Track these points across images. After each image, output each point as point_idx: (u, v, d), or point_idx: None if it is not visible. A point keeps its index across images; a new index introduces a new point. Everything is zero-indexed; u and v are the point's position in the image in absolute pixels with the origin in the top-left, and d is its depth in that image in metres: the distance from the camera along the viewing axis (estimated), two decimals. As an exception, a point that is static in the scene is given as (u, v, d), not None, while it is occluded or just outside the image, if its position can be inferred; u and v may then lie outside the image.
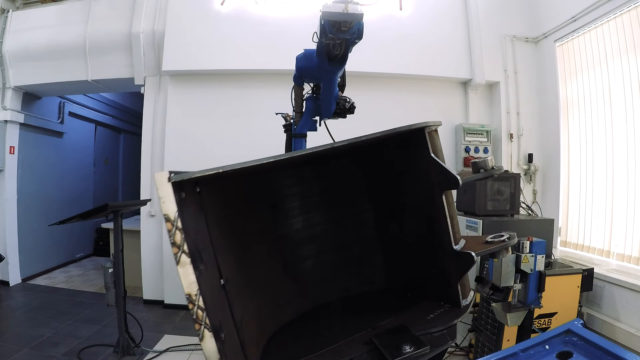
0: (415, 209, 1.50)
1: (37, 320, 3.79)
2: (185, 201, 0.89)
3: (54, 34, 4.67)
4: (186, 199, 0.91)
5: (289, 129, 2.60)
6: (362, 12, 1.54)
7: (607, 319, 3.01)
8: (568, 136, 3.91)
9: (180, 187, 0.87)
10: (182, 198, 0.87)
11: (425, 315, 1.30)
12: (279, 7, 4.23)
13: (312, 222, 1.64)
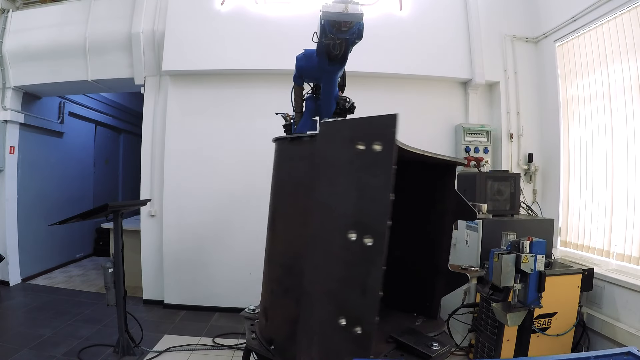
0: (421, 228, 1.52)
1: (37, 320, 3.79)
2: None
3: (54, 34, 4.67)
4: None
5: (289, 129, 2.59)
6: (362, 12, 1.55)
7: (607, 319, 3.01)
8: (568, 136, 3.91)
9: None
10: None
11: (411, 323, 1.36)
12: (279, 7, 4.22)
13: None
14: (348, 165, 0.86)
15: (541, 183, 4.30)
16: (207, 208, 4.32)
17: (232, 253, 4.28)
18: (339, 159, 0.87)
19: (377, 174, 0.82)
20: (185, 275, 4.34)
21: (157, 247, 4.41)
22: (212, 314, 4.17)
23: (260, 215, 4.12)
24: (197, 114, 4.37)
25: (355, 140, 0.84)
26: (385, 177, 0.81)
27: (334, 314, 0.81)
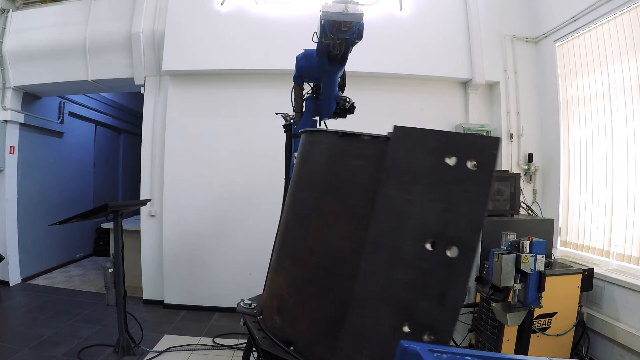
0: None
1: (37, 320, 3.79)
2: None
3: (54, 34, 4.67)
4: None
5: (289, 129, 2.60)
6: (362, 12, 1.55)
7: (607, 319, 3.01)
8: (568, 136, 3.91)
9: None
10: None
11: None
12: (279, 7, 4.22)
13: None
14: (431, 175, 0.87)
15: (541, 183, 4.30)
16: (207, 208, 4.32)
17: (232, 253, 4.28)
18: (419, 168, 0.87)
19: (471, 191, 0.84)
20: (185, 275, 4.34)
21: (157, 247, 4.41)
22: (212, 314, 4.17)
23: (260, 214, 4.15)
24: (197, 114, 4.37)
25: (443, 153, 0.85)
26: (481, 195, 0.84)
27: (395, 320, 0.82)
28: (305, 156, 1.25)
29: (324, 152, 1.14)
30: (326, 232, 1.07)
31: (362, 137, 1.02)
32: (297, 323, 1.10)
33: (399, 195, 0.88)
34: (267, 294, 1.34)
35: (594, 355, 3.10)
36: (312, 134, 1.23)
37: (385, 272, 0.89)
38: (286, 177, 2.61)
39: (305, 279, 1.11)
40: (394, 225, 0.88)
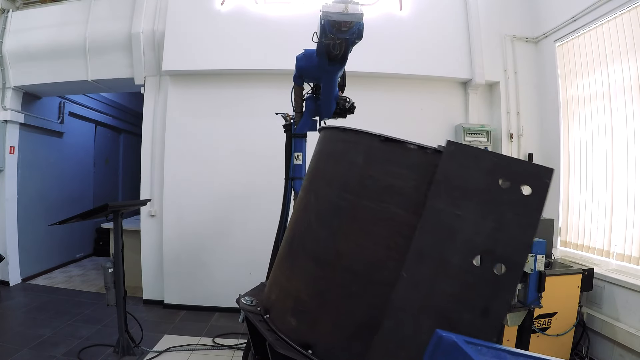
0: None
1: (37, 320, 3.79)
2: None
3: (54, 34, 4.67)
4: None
5: (289, 129, 2.60)
6: (362, 12, 1.55)
7: (607, 319, 3.01)
8: (568, 136, 3.91)
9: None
10: None
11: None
12: (279, 6, 4.22)
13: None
14: (483, 194, 0.89)
15: (541, 183, 4.29)
16: (207, 208, 4.32)
17: (232, 253, 4.28)
18: (472, 185, 0.90)
19: (523, 214, 0.87)
20: (185, 275, 4.34)
21: (157, 247, 4.41)
22: (212, 314, 4.17)
23: (260, 214, 4.15)
24: (197, 114, 4.37)
25: (497, 175, 0.88)
26: (533, 220, 0.88)
27: (435, 329, 0.84)
28: (334, 154, 1.20)
29: (361, 154, 1.10)
30: (359, 236, 1.04)
31: (407, 145, 1.01)
32: (317, 326, 1.07)
33: (449, 210, 0.90)
34: (277, 293, 1.26)
35: (594, 355, 3.10)
36: (346, 132, 1.16)
37: (429, 282, 0.90)
38: (286, 177, 2.61)
39: (331, 281, 1.07)
40: (442, 237, 0.90)
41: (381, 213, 1.01)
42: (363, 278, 1.02)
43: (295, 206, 1.43)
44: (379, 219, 1.01)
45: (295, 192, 2.53)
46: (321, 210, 1.17)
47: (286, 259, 1.28)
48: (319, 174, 1.26)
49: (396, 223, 0.98)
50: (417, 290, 0.90)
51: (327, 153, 1.24)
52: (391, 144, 1.03)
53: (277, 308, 1.22)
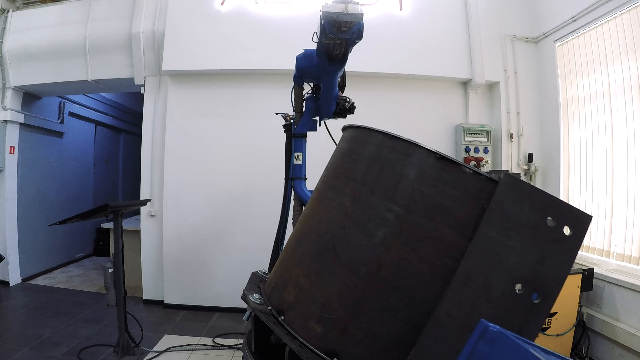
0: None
1: (37, 320, 3.79)
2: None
3: (54, 34, 4.67)
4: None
5: (289, 129, 2.60)
6: (362, 12, 1.54)
7: (607, 319, 3.01)
8: (568, 136, 3.91)
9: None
10: None
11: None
12: (279, 6, 4.22)
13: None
14: (531, 229, 0.96)
15: (541, 183, 4.30)
16: (207, 208, 4.32)
17: (233, 253, 4.28)
18: (523, 219, 0.96)
19: (563, 252, 0.96)
20: (185, 275, 4.34)
21: (157, 247, 4.41)
22: (212, 314, 4.17)
23: (260, 214, 4.15)
24: (197, 114, 4.37)
25: (546, 213, 0.95)
26: (570, 257, 0.97)
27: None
28: (379, 161, 1.15)
29: (414, 168, 1.08)
30: (404, 251, 1.03)
31: (463, 167, 1.02)
32: (347, 335, 1.05)
33: (499, 239, 0.95)
34: (296, 295, 1.19)
35: (594, 355, 3.11)
36: (396, 141, 1.12)
37: (471, 304, 0.94)
38: (286, 177, 2.61)
39: (367, 292, 1.05)
40: (489, 263, 0.94)
41: (430, 231, 1.02)
42: (403, 293, 1.02)
43: (316, 201, 1.33)
44: (426, 237, 1.02)
45: (295, 192, 2.52)
46: (361, 218, 1.13)
47: (311, 261, 1.20)
48: (355, 176, 1.20)
49: (444, 243, 1.00)
50: (458, 310, 0.94)
51: (369, 157, 1.19)
52: (446, 164, 1.04)
53: (295, 311, 1.17)
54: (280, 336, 1.11)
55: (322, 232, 1.22)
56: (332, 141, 2.57)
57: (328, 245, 1.17)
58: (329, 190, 1.29)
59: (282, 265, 1.36)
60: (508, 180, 0.97)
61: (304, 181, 2.55)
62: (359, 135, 1.27)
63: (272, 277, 1.39)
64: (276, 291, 1.29)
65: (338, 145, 1.44)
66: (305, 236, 1.30)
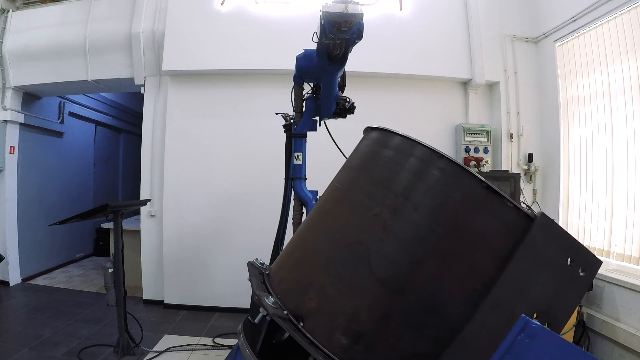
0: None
1: (37, 320, 3.79)
2: None
3: (54, 34, 4.67)
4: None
5: (289, 129, 2.60)
6: (362, 12, 1.54)
7: (607, 319, 3.01)
8: (568, 136, 3.91)
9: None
10: None
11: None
12: (279, 6, 4.23)
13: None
14: (555, 266, 1.07)
15: (541, 183, 4.30)
16: (207, 208, 4.32)
17: (232, 253, 4.28)
18: (550, 257, 1.07)
19: (575, 289, 1.09)
20: (185, 275, 4.34)
21: (157, 247, 4.41)
22: (212, 314, 4.17)
23: (260, 215, 4.15)
24: (197, 114, 4.37)
25: (569, 254, 1.06)
26: (580, 294, 1.11)
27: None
28: (423, 177, 1.15)
29: (461, 192, 1.11)
30: (440, 272, 1.07)
31: (506, 200, 1.07)
32: (374, 349, 1.07)
33: (528, 271, 1.03)
34: (318, 303, 1.15)
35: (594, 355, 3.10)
36: (446, 162, 1.12)
37: (496, 329, 1.00)
38: (286, 177, 2.61)
39: (399, 309, 1.07)
40: (516, 293, 1.04)
41: (467, 256, 1.06)
42: (434, 312, 1.06)
43: (340, 203, 1.28)
44: (463, 261, 1.06)
45: (295, 192, 2.52)
46: (401, 234, 1.13)
47: (340, 270, 1.16)
48: (395, 188, 1.17)
49: (478, 270, 1.05)
50: (484, 332, 1.02)
51: (414, 172, 1.17)
52: (491, 193, 1.08)
53: (318, 319, 1.13)
54: (302, 344, 1.07)
55: (354, 241, 1.18)
56: (332, 141, 2.57)
57: (362, 257, 1.14)
58: (361, 196, 1.24)
59: (298, 265, 1.28)
60: (543, 220, 1.05)
61: (304, 181, 2.55)
62: (402, 146, 1.23)
63: (286, 277, 1.29)
64: (292, 294, 1.22)
65: (366, 146, 1.36)
66: (329, 239, 1.25)
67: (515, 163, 4.32)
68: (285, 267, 1.33)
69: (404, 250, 1.10)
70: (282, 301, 1.19)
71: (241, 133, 4.33)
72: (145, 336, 3.34)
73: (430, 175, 1.15)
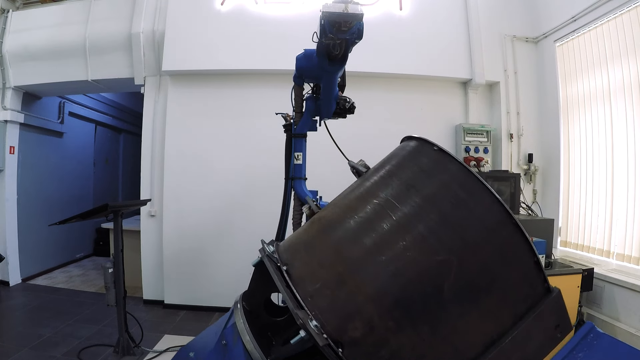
0: None
1: (37, 320, 3.79)
2: None
3: (54, 34, 4.67)
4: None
5: (289, 129, 2.60)
6: (362, 12, 1.54)
7: (607, 319, 3.01)
8: (568, 136, 3.91)
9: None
10: None
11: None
12: (279, 7, 4.23)
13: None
14: (548, 331, 1.22)
15: (541, 183, 4.30)
16: (207, 208, 4.32)
17: (232, 253, 4.28)
18: (550, 325, 1.21)
19: (551, 346, 1.22)
20: (185, 275, 4.34)
21: (157, 247, 4.41)
22: (212, 314, 4.17)
23: (260, 215, 4.15)
24: (197, 114, 4.37)
25: (558, 320, 1.22)
26: (550, 350, 1.22)
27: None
28: (491, 239, 1.16)
29: (500, 239, 1.21)
30: (474, 321, 1.14)
31: (535, 258, 1.18)
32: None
33: (533, 333, 1.16)
34: (362, 332, 1.10)
35: (594, 355, 3.10)
36: (512, 229, 1.16)
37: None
38: (286, 177, 2.61)
39: (435, 350, 1.12)
40: (519, 347, 1.15)
41: (496, 310, 1.16)
42: (459, 354, 1.13)
43: (398, 229, 1.16)
44: (492, 314, 1.15)
45: (295, 192, 2.52)
46: (461, 286, 1.11)
47: (391, 307, 1.11)
48: (467, 236, 1.14)
49: (499, 323, 1.15)
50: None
51: (484, 225, 1.16)
52: (525, 243, 1.17)
53: (360, 350, 1.08)
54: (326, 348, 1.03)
55: (416, 280, 1.13)
56: (333, 141, 2.57)
57: (418, 301, 1.11)
58: (429, 233, 1.15)
59: (343, 285, 1.14)
60: (555, 291, 1.19)
61: (304, 181, 2.55)
62: (474, 189, 1.18)
63: (324, 293, 1.15)
64: (333, 317, 1.12)
65: (432, 169, 1.25)
66: (386, 269, 1.14)
67: (515, 163, 4.32)
68: (322, 278, 1.17)
69: (458, 301, 1.12)
70: (320, 322, 1.10)
71: (241, 133, 4.32)
72: (145, 336, 3.34)
73: (496, 234, 1.16)
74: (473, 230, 1.15)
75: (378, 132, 4.08)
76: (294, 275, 1.21)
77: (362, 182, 1.34)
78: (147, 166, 4.48)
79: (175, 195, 4.33)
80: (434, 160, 1.25)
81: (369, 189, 1.28)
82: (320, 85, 2.34)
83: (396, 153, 1.36)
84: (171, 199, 4.34)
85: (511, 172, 4.07)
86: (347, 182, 1.42)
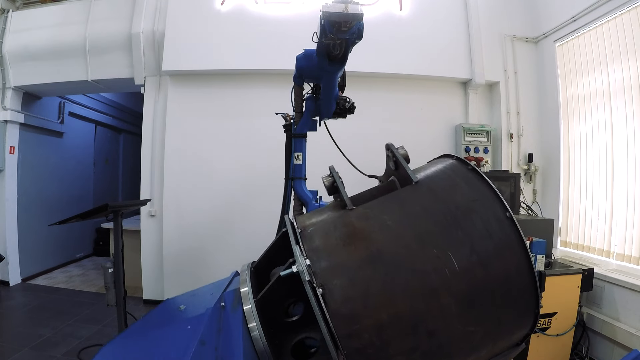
0: None
1: (37, 320, 3.79)
2: None
3: (54, 34, 4.67)
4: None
5: (289, 129, 2.60)
6: (362, 12, 1.54)
7: (607, 319, 3.01)
8: (568, 136, 3.91)
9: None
10: None
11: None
12: (279, 6, 4.23)
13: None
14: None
15: (541, 183, 4.30)
16: (207, 208, 4.32)
17: (232, 252, 4.28)
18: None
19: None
20: (185, 275, 4.34)
21: (157, 247, 4.41)
22: (212, 314, 4.16)
23: (260, 215, 4.15)
24: (197, 114, 4.37)
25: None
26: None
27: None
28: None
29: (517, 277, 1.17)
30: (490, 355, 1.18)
31: (539, 304, 1.18)
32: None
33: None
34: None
35: (594, 355, 3.10)
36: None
37: None
38: (286, 177, 2.61)
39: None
40: None
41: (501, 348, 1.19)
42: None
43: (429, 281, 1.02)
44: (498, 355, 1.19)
45: (295, 192, 2.52)
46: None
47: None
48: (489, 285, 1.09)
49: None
50: None
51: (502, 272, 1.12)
52: (531, 287, 1.17)
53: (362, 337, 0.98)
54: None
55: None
56: (333, 141, 2.58)
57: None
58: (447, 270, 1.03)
59: (384, 330, 0.99)
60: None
61: (304, 181, 2.55)
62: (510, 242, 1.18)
63: (363, 337, 0.99)
64: (368, 332, 0.99)
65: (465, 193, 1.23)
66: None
67: (515, 163, 4.32)
68: (365, 319, 1.00)
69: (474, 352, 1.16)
70: (348, 325, 0.98)
71: (241, 133, 4.32)
72: (145, 336, 3.33)
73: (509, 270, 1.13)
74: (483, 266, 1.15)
75: (378, 132, 4.08)
76: (332, 305, 0.99)
77: (423, 210, 1.15)
78: (147, 166, 4.48)
79: (175, 195, 4.33)
80: (503, 231, 1.16)
81: (431, 230, 1.10)
82: (320, 85, 2.33)
83: (456, 183, 1.22)
84: (171, 199, 4.34)
85: (511, 172, 4.07)
86: (347, 182, 1.40)
